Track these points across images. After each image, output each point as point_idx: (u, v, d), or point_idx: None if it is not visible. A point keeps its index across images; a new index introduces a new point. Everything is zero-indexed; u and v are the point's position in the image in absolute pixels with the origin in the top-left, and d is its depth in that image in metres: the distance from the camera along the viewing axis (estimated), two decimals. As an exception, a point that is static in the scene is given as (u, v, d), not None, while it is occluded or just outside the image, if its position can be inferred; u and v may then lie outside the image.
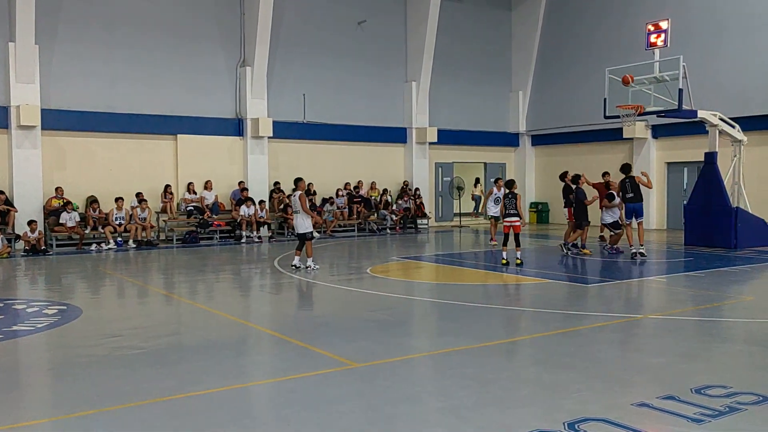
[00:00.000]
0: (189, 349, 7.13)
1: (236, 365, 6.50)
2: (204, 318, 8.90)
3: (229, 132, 21.05)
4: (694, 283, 11.40)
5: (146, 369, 6.21)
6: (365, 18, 23.37)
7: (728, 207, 16.27)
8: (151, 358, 6.65)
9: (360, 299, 10.17)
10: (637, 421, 4.72)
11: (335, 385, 5.67)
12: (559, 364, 6.37)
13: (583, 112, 23.78)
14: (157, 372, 6.10)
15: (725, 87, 19.99)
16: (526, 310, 9.41)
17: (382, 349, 6.93)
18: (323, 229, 21.45)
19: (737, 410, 4.92)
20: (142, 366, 6.32)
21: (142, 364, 6.38)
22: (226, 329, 8.13)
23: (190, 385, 5.71)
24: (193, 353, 6.91)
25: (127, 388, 5.64)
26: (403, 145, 24.85)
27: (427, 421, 4.93)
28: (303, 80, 22.20)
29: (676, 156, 22.48)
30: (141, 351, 6.93)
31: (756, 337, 7.45)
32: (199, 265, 14.37)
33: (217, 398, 5.38)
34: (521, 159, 27.93)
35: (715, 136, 16.74)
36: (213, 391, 5.53)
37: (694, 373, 5.94)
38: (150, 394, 5.43)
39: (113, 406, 5.19)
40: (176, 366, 6.35)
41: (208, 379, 5.91)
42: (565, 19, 25.83)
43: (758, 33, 19.79)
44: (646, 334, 7.75)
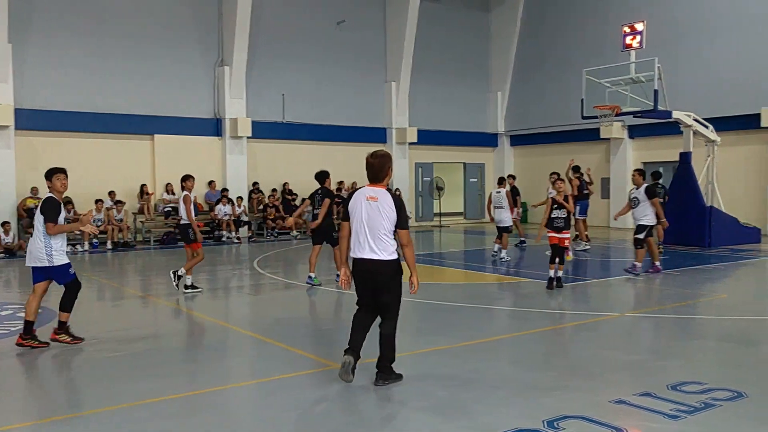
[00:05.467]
0: (168, 352, 7.08)
1: (216, 368, 6.47)
2: (183, 320, 8.84)
3: (207, 132, 20.91)
4: (669, 281, 11.56)
5: (123, 373, 6.15)
6: (344, 18, 23.35)
7: (702, 206, 16.53)
8: (129, 361, 6.58)
9: (341, 300, 10.16)
10: (615, 418, 4.78)
11: (316, 387, 5.66)
12: (538, 363, 6.42)
13: (561, 113, 23.98)
14: (134, 375, 6.04)
15: (699, 88, 20.28)
16: (506, 309, 9.48)
17: (363, 350, 6.93)
18: (303, 230, 21.39)
19: (712, 406, 5.01)
20: (119, 370, 6.26)
21: (119, 368, 6.32)
22: (206, 331, 8.08)
23: (168, 388, 5.66)
24: (172, 356, 6.86)
25: (104, 392, 5.58)
26: (383, 145, 24.81)
27: (408, 421, 4.94)
28: (282, 80, 22.12)
29: (652, 156, 22.75)
30: (118, 354, 6.86)
31: (729, 333, 7.58)
32: (177, 267, 14.22)
33: (196, 401, 5.35)
34: (500, 159, 28.09)
35: (689, 137, 16.99)
36: (192, 394, 5.50)
37: (670, 370, 6.03)
38: (127, 397, 5.38)
39: (89, 411, 5.13)
40: (154, 369, 6.29)
41: (188, 382, 5.87)
42: (543, 21, 26.03)
43: (732, 36, 20.10)
44: (624, 332, 7.84)
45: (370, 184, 5.57)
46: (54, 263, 6.90)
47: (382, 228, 5.38)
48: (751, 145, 19.95)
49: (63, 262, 6.97)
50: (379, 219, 5.38)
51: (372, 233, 5.39)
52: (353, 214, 5.48)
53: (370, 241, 5.39)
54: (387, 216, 5.39)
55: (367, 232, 5.39)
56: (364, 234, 5.41)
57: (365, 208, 5.42)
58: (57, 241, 6.93)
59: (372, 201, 5.41)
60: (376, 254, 5.38)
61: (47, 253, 6.86)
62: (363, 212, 5.41)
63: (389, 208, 5.39)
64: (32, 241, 6.97)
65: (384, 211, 5.39)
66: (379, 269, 5.41)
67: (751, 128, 19.47)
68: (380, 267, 5.41)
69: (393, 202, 5.42)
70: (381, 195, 5.44)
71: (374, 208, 5.40)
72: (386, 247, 5.40)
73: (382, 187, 5.53)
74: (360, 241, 5.44)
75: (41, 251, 6.85)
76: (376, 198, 5.42)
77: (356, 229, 5.47)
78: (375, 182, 5.54)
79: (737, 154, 19.98)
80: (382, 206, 5.40)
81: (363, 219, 5.41)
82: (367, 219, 5.40)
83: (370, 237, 5.39)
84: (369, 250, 5.40)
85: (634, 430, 4.58)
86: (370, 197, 5.43)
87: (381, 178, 5.53)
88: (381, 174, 5.51)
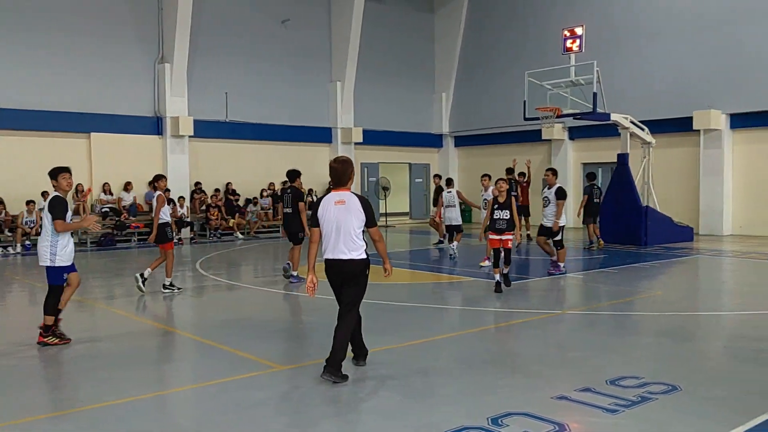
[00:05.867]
0: (106, 357, 6.85)
1: (156, 372, 6.30)
2: (122, 324, 8.58)
3: (147, 130, 20.39)
4: (608, 279, 11.89)
5: (59, 379, 5.93)
6: (289, 17, 23.15)
7: (639, 206, 17.06)
8: (65, 367, 6.35)
9: (285, 301, 10.06)
10: (557, 414, 4.87)
11: (259, 389, 5.58)
12: (482, 361, 6.50)
13: (504, 114, 24.37)
14: (70, 381, 5.84)
15: (636, 91, 20.95)
16: (451, 308, 9.56)
17: (307, 351, 6.89)
18: (247, 230, 21.12)
19: (649, 399, 5.16)
20: (54, 376, 6.03)
21: (54, 374, 6.09)
22: (146, 335, 7.87)
23: (106, 394, 5.48)
24: (110, 361, 6.64)
25: (39, 399, 5.37)
26: (328, 145, 24.77)
27: (351, 421, 4.92)
28: (225, 78, 21.77)
29: (592, 157, 23.37)
30: (54, 360, 6.61)
31: (665, 329, 7.84)
32: (116, 269, 13.86)
33: (135, 407, 5.20)
34: (445, 160, 28.37)
35: (626, 139, 17.52)
36: (131, 400, 5.34)
37: (609, 365, 6.18)
38: (63, 405, 5.18)
39: (23, 419, 4.92)
40: (91, 374, 6.09)
41: (126, 387, 5.69)
42: (486, 23, 26.41)
43: (666, 42, 20.83)
44: (565, 329, 8.02)
45: (335, 188, 5.84)
46: (55, 264, 7.02)
47: (352, 230, 5.68)
48: (684, 147, 20.72)
49: (62, 265, 7.07)
50: (349, 221, 5.66)
51: (343, 235, 5.67)
52: (323, 219, 5.74)
53: (342, 243, 5.67)
54: (356, 217, 5.69)
55: (338, 235, 5.67)
56: (335, 237, 5.69)
57: (334, 213, 5.69)
58: (63, 241, 7.06)
59: (340, 205, 5.69)
60: (347, 254, 5.68)
61: (51, 252, 7.00)
62: (332, 216, 5.68)
63: (357, 209, 5.69)
64: (40, 239, 7.11)
65: (353, 213, 5.68)
66: (349, 268, 5.72)
67: (684, 131, 20.23)
68: (351, 266, 5.72)
69: (360, 203, 5.72)
70: (348, 198, 5.73)
71: (343, 211, 5.68)
72: (356, 247, 5.71)
73: (346, 190, 5.82)
74: (332, 244, 5.71)
75: (46, 250, 7.00)
76: (344, 201, 5.71)
77: (327, 233, 5.73)
78: (339, 186, 5.82)
79: (671, 156, 20.73)
80: (351, 209, 5.69)
81: (333, 223, 5.68)
82: (337, 222, 5.67)
83: (342, 239, 5.67)
84: (341, 251, 5.68)
85: (574, 425, 4.67)
86: (338, 201, 5.71)
87: (344, 182, 5.81)
88: (344, 178, 5.80)
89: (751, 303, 9.58)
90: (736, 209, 19.96)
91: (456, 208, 14.89)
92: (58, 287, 7.15)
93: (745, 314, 8.72)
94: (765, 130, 19.24)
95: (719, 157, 19.81)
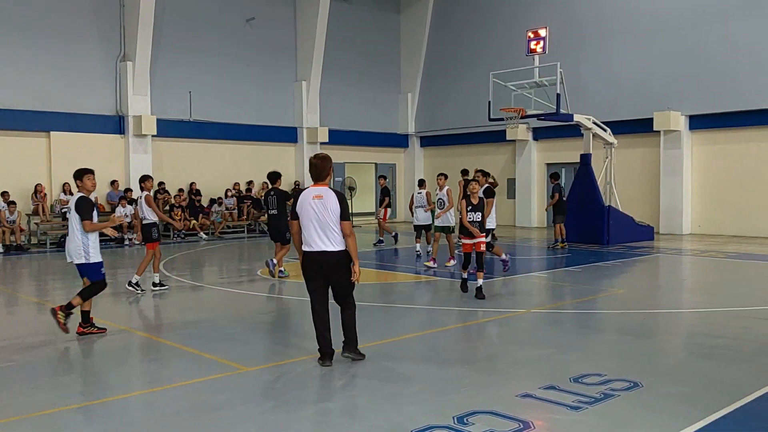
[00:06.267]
0: (65, 361, 6.70)
1: (117, 375, 6.17)
2: (82, 326, 8.38)
3: (108, 129, 20.01)
4: (572, 277, 12.05)
5: (17, 383, 5.77)
6: (254, 16, 22.96)
7: (601, 205, 17.34)
8: (23, 371, 6.18)
9: (250, 302, 9.96)
10: (522, 412, 4.91)
11: (223, 390, 5.51)
12: (448, 360, 6.52)
13: (469, 115, 24.56)
14: (29, 386, 5.68)
15: (598, 93, 21.30)
16: (416, 307, 9.57)
17: (273, 352, 6.83)
18: (211, 231, 20.88)
19: (611, 396, 5.23)
20: (12, 380, 5.87)
21: (12, 379, 5.92)
22: (106, 337, 7.70)
23: (65, 398, 5.36)
24: (70, 365, 6.49)
25: (-6, 404, 5.21)
26: (294, 145, 24.64)
27: (318, 422, 4.89)
28: (189, 77, 21.49)
29: (555, 157, 23.68)
30: (11, 364, 6.43)
31: (627, 327, 7.97)
32: (75, 271, 13.53)
33: (95, 411, 5.09)
34: (411, 160, 28.45)
35: (589, 139, 17.80)
36: (91, 404, 5.22)
37: (572, 363, 6.26)
38: (20, 410, 5.04)
39: (-23, 426, 4.77)
40: (51, 379, 5.94)
41: (86, 391, 5.57)
42: (451, 24, 26.55)
43: (627, 44, 21.21)
44: (529, 328, 8.10)
45: (315, 183, 6.17)
46: (90, 260, 7.35)
47: (330, 222, 5.97)
48: (645, 148, 21.13)
49: (98, 260, 7.42)
50: (326, 214, 5.96)
51: (322, 228, 5.98)
52: (302, 213, 6.05)
53: (321, 235, 5.98)
54: (333, 211, 5.97)
55: (318, 228, 5.98)
56: (314, 229, 5.99)
57: (313, 207, 5.99)
58: (93, 238, 7.37)
59: (318, 199, 5.99)
60: (326, 246, 5.98)
61: (84, 251, 7.32)
62: (311, 210, 5.98)
63: (335, 204, 5.98)
64: (70, 239, 7.37)
65: (330, 207, 5.97)
66: (329, 259, 6.00)
67: (645, 132, 20.63)
68: (331, 257, 6.00)
69: (336, 197, 6.03)
70: (326, 193, 6.03)
71: (321, 205, 5.98)
72: (335, 238, 6.00)
73: (325, 185, 6.15)
74: (311, 236, 6.00)
75: (79, 248, 7.30)
76: (322, 196, 6.01)
77: (306, 226, 6.03)
78: (318, 182, 6.16)
79: (632, 156, 21.12)
80: (328, 203, 5.98)
81: (312, 216, 5.98)
82: (316, 216, 5.98)
83: (321, 231, 5.98)
84: (320, 242, 5.99)
85: (539, 423, 4.71)
86: (316, 196, 6.01)
87: (323, 178, 6.16)
88: (323, 174, 6.14)
89: (710, 301, 9.80)
90: (695, 209, 20.43)
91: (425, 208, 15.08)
92: (101, 282, 7.50)
93: (703, 311, 8.92)
94: (722, 131, 19.74)
95: (679, 157, 20.24)
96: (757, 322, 8.00)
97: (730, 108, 19.15)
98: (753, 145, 19.17)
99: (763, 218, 18.92)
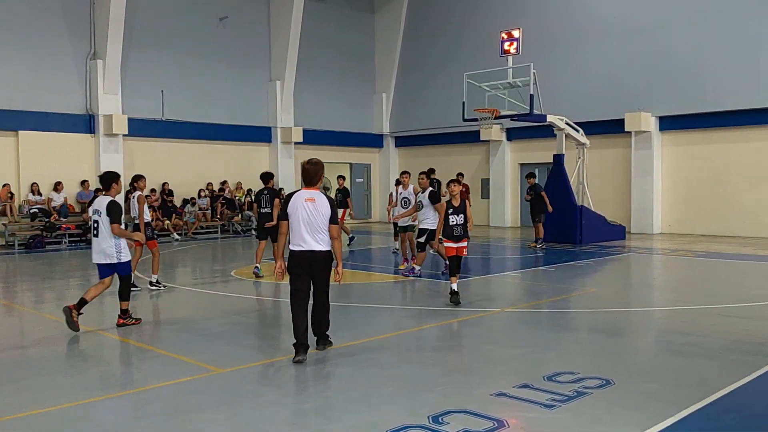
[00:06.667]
0: (34, 363, 6.57)
1: (89, 378, 6.07)
2: (52, 329, 8.23)
3: (78, 129, 19.69)
4: (545, 277, 12.16)
5: (-18, 387, 5.64)
6: (227, 14, 22.77)
7: (574, 205, 17.52)
8: (-11, 375, 6.05)
9: (224, 303, 9.87)
10: (496, 410, 4.94)
11: (197, 393, 5.45)
12: (423, 360, 6.53)
13: (444, 115, 24.64)
14: (-5, 390, 5.56)
15: (571, 94, 21.52)
16: (391, 307, 9.57)
17: (247, 353, 6.77)
18: (184, 231, 20.67)
19: (584, 394, 5.29)
20: (-23, 384, 5.73)
21: (-23, 383, 5.79)
22: (78, 340, 7.57)
23: (32, 402, 5.25)
24: (38, 367, 6.37)
25: (-41, 409, 5.09)
26: (267, 145, 24.49)
27: (293, 423, 4.86)
28: (161, 76, 21.24)
29: (529, 158, 23.88)
30: (-24, 368, 6.29)
31: (599, 325, 8.06)
32: (45, 272, 13.32)
33: (66, 415, 4.99)
34: (386, 160, 28.46)
35: (562, 140, 17.97)
36: (61, 408, 5.12)
37: (546, 361, 6.31)
38: (-14, 414, 4.93)
39: (-58, 431, 4.66)
40: (18, 382, 5.82)
41: (56, 394, 5.47)
42: (426, 25, 26.62)
43: (599, 46, 21.47)
44: (503, 327, 8.15)
45: (306, 187, 6.46)
46: (122, 260, 7.88)
47: (320, 224, 6.29)
48: (617, 148, 21.41)
49: (128, 259, 7.99)
50: (318, 217, 6.28)
51: (312, 229, 6.29)
52: (293, 214, 6.33)
53: (311, 236, 6.29)
54: (324, 214, 6.30)
55: (308, 229, 6.28)
56: (304, 230, 6.29)
57: (305, 209, 6.29)
58: (122, 240, 7.86)
59: (310, 202, 6.30)
60: (315, 246, 6.30)
61: (117, 251, 7.80)
62: (303, 212, 6.28)
63: (326, 207, 6.32)
64: (100, 240, 7.80)
65: (321, 210, 6.30)
66: (317, 258, 6.33)
67: (617, 132, 20.89)
68: (319, 256, 6.33)
69: (327, 202, 6.37)
70: (317, 197, 6.37)
71: (313, 207, 6.29)
72: (324, 239, 6.34)
73: (316, 189, 6.47)
74: (301, 236, 6.30)
75: (111, 249, 7.78)
76: (314, 199, 6.33)
77: (296, 226, 6.31)
78: (310, 186, 6.46)
79: (604, 157, 21.38)
80: (319, 206, 6.30)
81: (303, 218, 6.28)
82: (307, 217, 6.27)
83: (311, 232, 6.29)
84: (309, 242, 6.29)
85: (513, 421, 4.74)
86: (308, 199, 6.32)
87: (315, 182, 6.48)
88: (315, 179, 6.47)
89: (680, 299, 9.96)
90: (665, 208, 20.75)
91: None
92: (129, 276, 8.14)
93: (674, 309, 9.06)
94: (691, 132, 20.08)
95: (649, 157, 20.54)
96: (725, 320, 8.15)
97: (696, 109, 19.49)
98: (720, 146, 19.53)
99: (730, 217, 19.29)
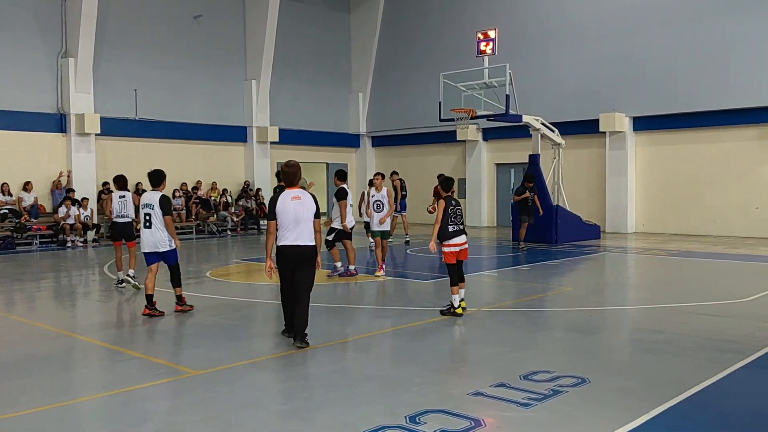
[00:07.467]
0: (3, 367, 6.43)
1: (60, 381, 5.96)
2: (22, 331, 8.08)
3: (49, 128, 19.33)
4: (521, 276, 12.23)
5: (-51, 392, 5.51)
6: (201, 13, 22.55)
7: (550, 205, 17.65)
8: (-44, 379, 5.91)
9: (199, 304, 9.76)
10: (473, 410, 4.95)
11: (172, 396, 5.39)
12: (399, 360, 6.53)
13: (420, 115, 24.66)
14: (-37, 395, 5.43)
15: (547, 94, 21.68)
16: (368, 308, 9.56)
17: (223, 355, 6.71)
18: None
19: (560, 392, 5.32)
20: (-56, 389, 5.60)
21: (-56, 387, 5.65)
22: (49, 343, 7.44)
23: (3, 406, 5.14)
24: (8, 371, 6.23)
25: (-75, 415, 4.96)
26: (243, 144, 24.31)
27: (269, 425, 4.82)
28: (134, 74, 20.95)
29: (505, 158, 24.01)
30: (-57, 372, 6.14)
31: (574, 324, 8.13)
32: (15, 274, 13.07)
33: (38, 419, 4.89)
34: (362, 160, 28.42)
35: (537, 140, 18.10)
36: (31, 412, 5.02)
37: (522, 360, 6.34)
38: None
39: None
40: (-13, 386, 5.69)
41: (26, 398, 5.36)
42: (402, 24, 26.64)
43: (574, 47, 21.66)
44: (480, 326, 8.16)
45: (288, 187, 6.94)
46: (173, 247, 8.76)
47: (307, 220, 6.80)
48: (592, 149, 21.63)
49: (174, 247, 8.78)
50: (304, 213, 6.79)
51: (300, 225, 6.78)
52: (283, 213, 6.78)
53: (298, 232, 6.77)
54: (310, 210, 6.84)
55: (296, 225, 6.77)
56: (293, 227, 6.78)
57: (292, 207, 6.79)
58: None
59: (296, 200, 6.81)
60: (302, 241, 6.78)
61: (168, 240, 8.69)
62: (291, 210, 6.77)
63: (311, 204, 6.88)
64: (152, 231, 8.61)
65: (307, 207, 6.83)
66: (303, 252, 6.80)
67: (591, 132, 21.10)
68: (309, 251, 6.82)
69: (312, 199, 6.91)
70: (303, 195, 6.88)
71: (300, 205, 6.80)
72: (310, 235, 6.84)
73: (298, 188, 6.94)
74: (290, 232, 6.78)
75: (164, 239, 8.66)
76: (300, 197, 6.85)
77: (285, 224, 6.78)
78: (291, 186, 6.94)
79: (579, 157, 21.58)
80: (305, 203, 6.84)
81: (291, 215, 6.77)
82: (296, 215, 6.77)
83: (297, 228, 6.78)
84: (297, 238, 6.77)
85: (490, 420, 4.75)
86: (294, 197, 6.82)
87: (296, 183, 6.95)
88: (295, 179, 6.95)
89: (653, 297, 10.08)
90: (639, 208, 21.01)
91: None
92: (177, 264, 8.88)
93: (647, 308, 9.17)
94: (663, 132, 20.35)
95: (623, 157, 20.78)
96: (697, 318, 8.27)
97: (669, 110, 19.75)
98: (692, 146, 19.82)
99: (701, 217, 19.59)
